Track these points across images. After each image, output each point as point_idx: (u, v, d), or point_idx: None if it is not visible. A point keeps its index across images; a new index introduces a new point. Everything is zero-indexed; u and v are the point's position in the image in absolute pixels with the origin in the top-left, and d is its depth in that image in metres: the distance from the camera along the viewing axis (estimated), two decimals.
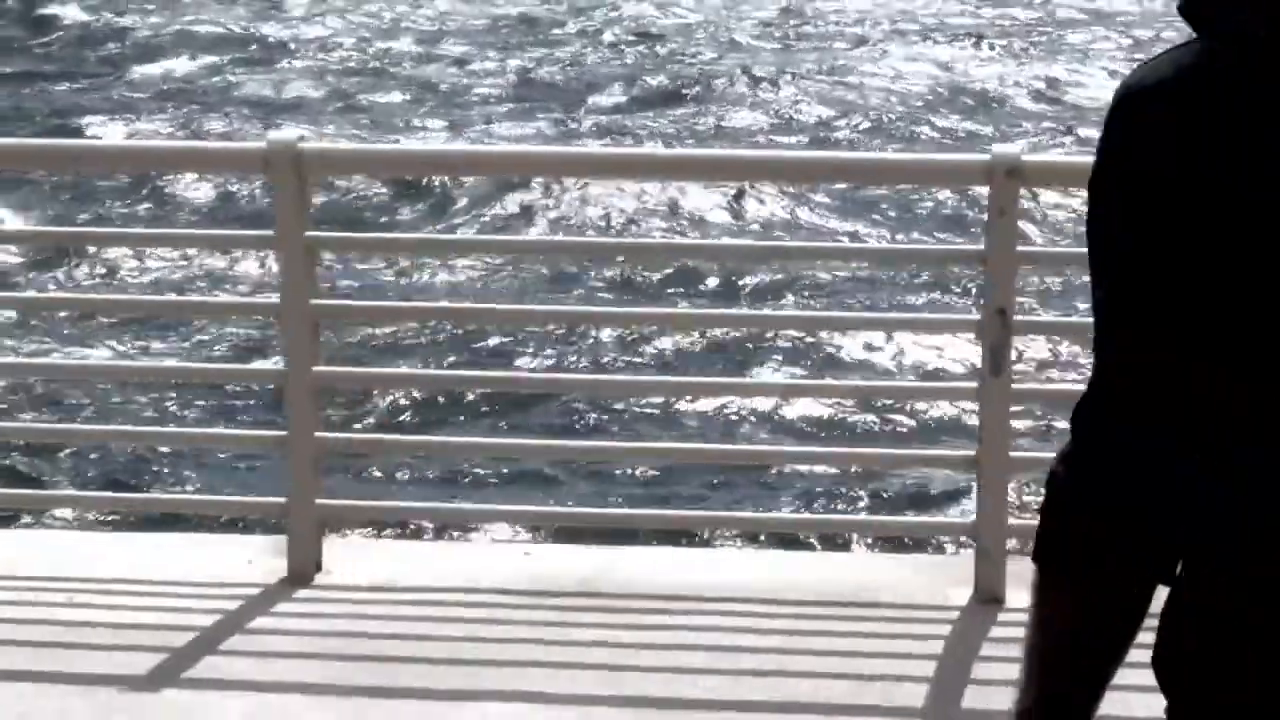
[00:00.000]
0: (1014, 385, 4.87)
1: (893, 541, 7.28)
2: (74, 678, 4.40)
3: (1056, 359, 10.16)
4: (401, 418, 9.69)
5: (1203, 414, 1.38)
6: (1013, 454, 4.81)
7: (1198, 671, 1.45)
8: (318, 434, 5.11)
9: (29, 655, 4.53)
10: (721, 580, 4.94)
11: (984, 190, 4.82)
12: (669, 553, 5.92)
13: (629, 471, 8.99)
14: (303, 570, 5.01)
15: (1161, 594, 1.74)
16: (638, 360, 10.61)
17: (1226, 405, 1.36)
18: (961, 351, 10.21)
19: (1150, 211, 1.40)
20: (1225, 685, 1.41)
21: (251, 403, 9.79)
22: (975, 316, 5.00)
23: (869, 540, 7.48)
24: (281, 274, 5.07)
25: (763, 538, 6.89)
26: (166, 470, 9.10)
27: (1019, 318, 4.76)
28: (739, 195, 13.75)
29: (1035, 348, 9.62)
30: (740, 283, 11.82)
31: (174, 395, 10.00)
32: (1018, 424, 5.66)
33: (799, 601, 4.79)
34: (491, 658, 4.51)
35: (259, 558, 5.10)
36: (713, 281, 11.86)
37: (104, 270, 12.23)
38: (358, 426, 9.17)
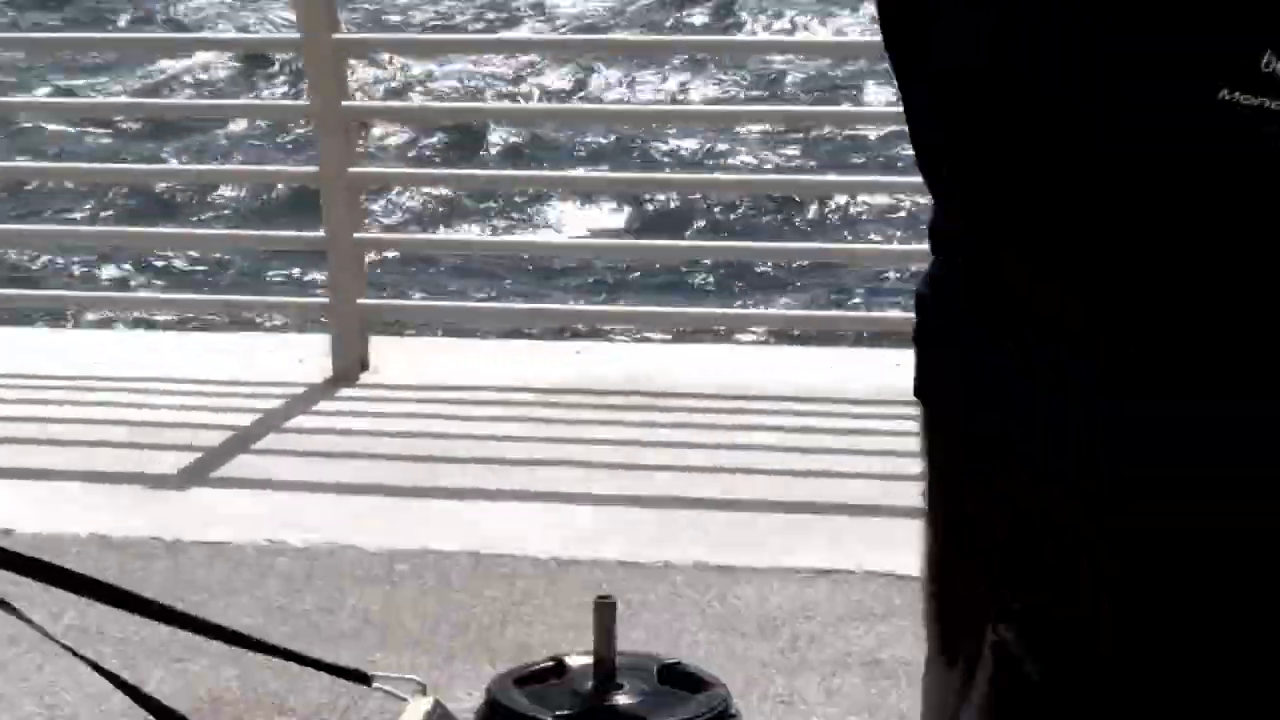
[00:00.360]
0: None
1: None
2: (101, 476, 4.35)
3: None
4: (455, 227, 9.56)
5: (1034, 327, 1.30)
6: None
7: (1030, 587, 1.36)
8: (356, 235, 5.08)
9: (57, 454, 4.47)
10: (776, 379, 4.87)
11: None
12: (725, 350, 5.84)
13: (679, 272, 8.83)
14: (347, 370, 5.00)
15: None
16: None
17: (1059, 318, 1.29)
18: None
19: (960, 108, 1.28)
20: (1058, 600, 1.34)
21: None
22: None
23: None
24: (310, 76, 5.02)
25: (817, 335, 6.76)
26: (220, 275, 9.04)
27: None
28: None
29: None
30: None
31: (220, 203, 9.90)
32: None
33: (854, 400, 4.69)
34: (524, 457, 4.43)
35: (310, 358, 5.07)
36: None
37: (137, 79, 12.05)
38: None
